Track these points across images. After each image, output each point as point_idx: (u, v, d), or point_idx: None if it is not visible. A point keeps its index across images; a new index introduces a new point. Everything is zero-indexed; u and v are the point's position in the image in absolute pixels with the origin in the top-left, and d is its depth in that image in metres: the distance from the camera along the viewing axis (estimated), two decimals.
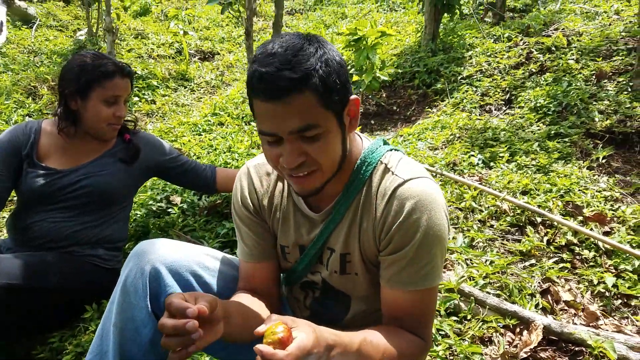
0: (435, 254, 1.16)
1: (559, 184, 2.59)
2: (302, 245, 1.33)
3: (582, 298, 1.95)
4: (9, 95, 4.79)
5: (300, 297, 1.44)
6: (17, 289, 1.71)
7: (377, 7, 7.89)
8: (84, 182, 2.03)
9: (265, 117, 1.05)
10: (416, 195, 1.14)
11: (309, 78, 1.02)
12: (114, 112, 2.04)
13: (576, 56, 4.08)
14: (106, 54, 2.10)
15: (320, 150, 1.08)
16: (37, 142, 2.05)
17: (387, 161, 1.23)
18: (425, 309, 1.21)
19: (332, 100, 1.07)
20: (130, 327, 1.21)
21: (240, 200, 1.35)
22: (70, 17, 8.43)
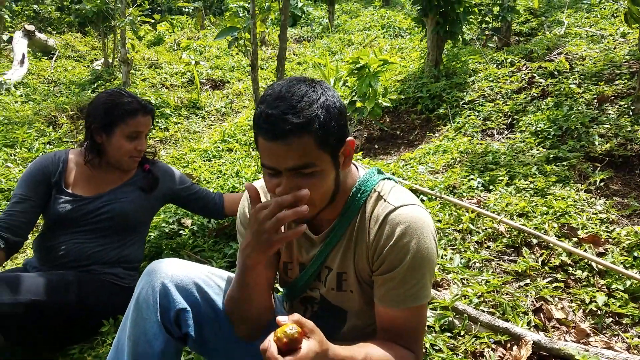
0: (424, 275, 1.27)
1: (555, 207, 2.67)
2: (303, 263, 1.45)
3: (574, 316, 2.02)
4: (30, 124, 5.00)
5: (300, 312, 1.55)
6: (40, 305, 1.85)
7: (382, 34, 8.08)
8: (107, 208, 2.18)
9: (268, 153, 1.18)
10: (406, 221, 1.25)
11: (310, 124, 1.14)
12: (135, 146, 2.21)
13: (578, 80, 4.18)
14: (130, 92, 2.27)
15: (314, 186, 1.19)
16: (64, 170, 2.22)
17: (380, 189, 1.35)
18: (415, 325, 1.31)
19: (329, 142, 1.19)
20: (142, 340, 1.32)
21: (248, 215, 1.47)
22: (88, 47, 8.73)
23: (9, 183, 3.91)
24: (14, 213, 2.09)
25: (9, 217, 2.08)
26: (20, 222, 2.09)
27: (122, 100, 2.17)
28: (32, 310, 1.83)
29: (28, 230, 2.14)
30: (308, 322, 1.07)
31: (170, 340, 1.34)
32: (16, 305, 1.79)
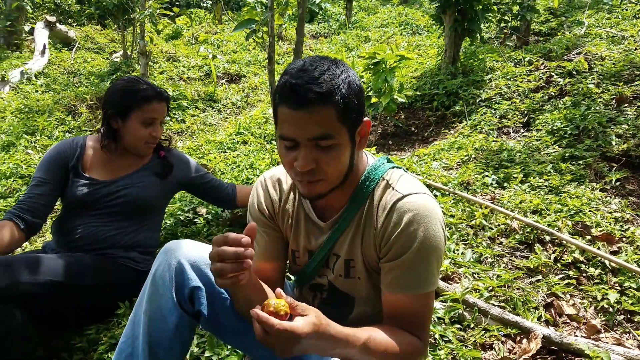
0: (432, 262, 1.28)
1: (570, 205, 2.67)
2: (311, 251, 1.47)
3: (585, 312, 2.03)
4: (51, 113, 5.10)
5: (309, 298, 1.57)
6: (58, 285, 1.91)
7: (400, 31, 8.06)
8: (122, 192, 2.24)
9: (288, 123, 1.20)
10: (414, 209, 1.26)
11: (333, 95, 1.17)
12: (150, 132, 2.26)
13: (597, 80, 4.14)
14: (146, 80, 2.31)
15: (331, 160, 1.22)
16: (82, 155, 2.28)
17: (389, 178, 1.36)
18: (422, 311, 1.32)
19: (349, 117, 1.22)
20: (158, 315, 1.37)
21: (257, 206, 1.50)
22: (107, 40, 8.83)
23: (29, 169, 3.99)
24: (33, 195, 2.16)
25: (29, 199, 2.15)
26: (39, 205, 2.15)
27: (138, 87, 2.23)
28: (50, 291, 1.89)
29: (47, 213, 2.20)
30: (301, 304, 1.10)
31: (184, 316, 1.38)
32: (35, 285, 1.84)
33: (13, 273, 1.81)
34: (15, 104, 5.51)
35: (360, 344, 1.17)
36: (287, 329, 1.03)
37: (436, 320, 1.93)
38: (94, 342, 2.07)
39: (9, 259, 1.90)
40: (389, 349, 1.22)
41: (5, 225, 2.06)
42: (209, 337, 1.93)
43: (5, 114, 5.31)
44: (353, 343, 1.16)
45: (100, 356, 1.98)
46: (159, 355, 1.39)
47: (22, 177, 3.92)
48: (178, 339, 1.39)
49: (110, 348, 1.99)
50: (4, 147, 4.59)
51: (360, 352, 1.18)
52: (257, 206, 1.50)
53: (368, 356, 1.19)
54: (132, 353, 1.39)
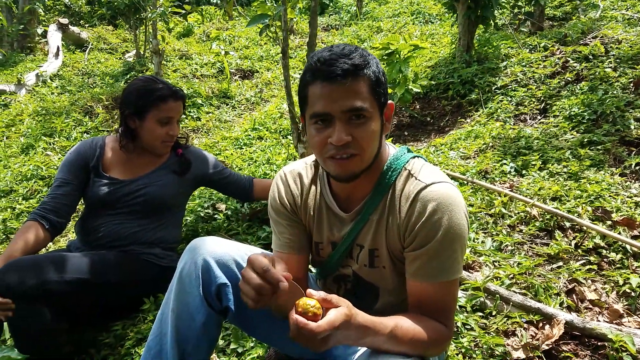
0: (455, 250, 1.29)
1: (589, 190, 2.65)
2: (334, 242, 1.48)
3: (607, 297, 2.02)
4: (68, 114, 5.16)
5: (333, 289, 1.59)
6: (84, 283, 1.95)
7: (412, 20, 8.01)
8: (142, 191, 2.27)
9: (321, 98, 1.23)
10: (437, 198, 1.27)
11: (366, 67, 1.23)
12: (167, 131, 2.29)
13: (614, 64, 4.09)
14: (161, 79, 2.34)
15: (365, 134, 1.24)
16: (102, 155, 2.33)
17: (411, 167, 1.37)
18: (447, 299, 1.33)
19: (380, 93, 1.26)
20: (185, 312, 1.39)
21: (278, 200, 1.52)
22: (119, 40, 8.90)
23: (49, 170, 4.06)
24: (56, 196, 2.21)
25: (52, 200, 2.20)
26: (62, 205, 2.21)
27: (154, 86, 2.26)
28: (76, 288, 1.93)
29: (70, 212, 2.25)
30: (333, 296, 1.10)
31: (212, 313, 1.41)
32: (62, 283, 1.89)
33: (40, 272, 1.86)
34: (32, 107, 5.58)
35: (387, 331, 1.18)
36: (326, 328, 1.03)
37: (458, 308, 1.94)
38: (121, 337, 2.11)
39: (36, 258, 1.95)
40: (416, 336, 1.23)
41: (30, 226, 2.12)
42: (233, 330, 1.96)
43: (23, 116, 5.39)
44: (381, 331, 1.17)
45: (128, 351, 2.03)
46: (187, 352, 1.41)
47: (42, 179, 3.99)
48: (205, 335, 1.42)
49: (136, 343, 2.04)
50: (23, 150, 4.67)
51: (388, 339, 1.19)
52: (279, 200, 1.51)
53: (395, 344, 1.20)
54: (160, 350, 1.42)
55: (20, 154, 4.61)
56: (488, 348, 1.72)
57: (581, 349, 1.75)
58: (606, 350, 1.71)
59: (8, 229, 3.36)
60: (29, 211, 3.50)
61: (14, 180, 3.98)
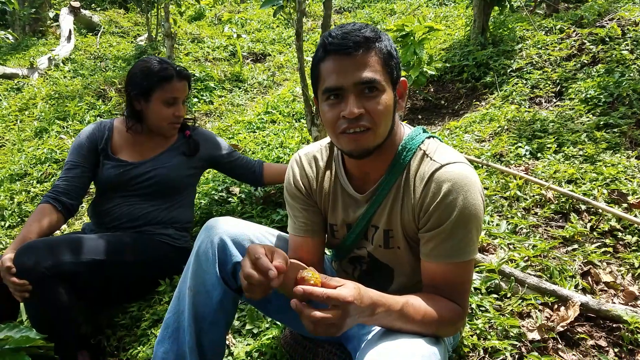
0: (470, 231, 1.28)
1: (605, 173, 2.62)
2: (349, 224, 1.49)
3: (623, 280, 2.01)
4: (81, 98, 5.19)
5: (349, 271, 1.60)
6: (99, 264, 1.98)
7: (426, 2, 7.92)
8: (152, 173, 2.29)
9: (333, 71, 1.23)
10: (452, 178, 1.27)
11: (377, 40, 1.24)
12: (173, 112, 2.29)
13: (631, 46, 4.02)
14: (166, 59, 2.34)
15: (378, 106, 1.24)
16: (110, 138, 2.34)
17: (426, 148, 1.36)
18: (461, 279, 1.33)
19: (392, 67, 1.26)
20: (202, 290, 1.41)
21: (293, 183, 1.52)
22: (131, 23, 8.89)
23: (63, 154, 4.10)
24: (68, 178, 2.23)
25: (64, 182, 2.22)
26: (74, 187, 2.23)
27: (158, 67, 2.25)
28: (92, 269, 1.96)
29: (82, 195, 2.28)
30: (334, 278, 1.11)
31: (228, 291, 1.43)
32: (77, 264, 1.91)
33: (56, 253, 1.88)
34: (45, 91, 5.62)
35: (398, 308, 1.18)
36: (337, 297, 1.03)
37: (473, 290, 1.94)
38: (137, 319, 2.14)
39: (51, 240, 1.98)
40: (427, 314, 1.23)
41: (44, 208, 2.14)
42: (249, 311, 1.98)
43: (36, 100, 5.43)
44: (392, 306, 1.17)
45: (144, 332, 2.06)
46: (204, 328, 1.44)
47: (56, 162, 4.03)
48: (222, 312, 1.44)
49: (152, 324, 2.06)
50: (37, 133, 4.71)
51: (399, 317, 1.19)
52: (294, 184, 1.52)
53: (406, 322, 1.20)
54: (178, 327, 1.45)
55: (34, 138, 4.65)
56: (503, 329, 1.72)
57: (596, 330, 1.75)
58: (621, 332, 1.71)
59: (23, 212, 3.41)
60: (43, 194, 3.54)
61: (28, 164, 4.03)
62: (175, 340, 1.44)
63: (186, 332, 1.42)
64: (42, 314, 1.88)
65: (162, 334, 1.46)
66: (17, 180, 3.85)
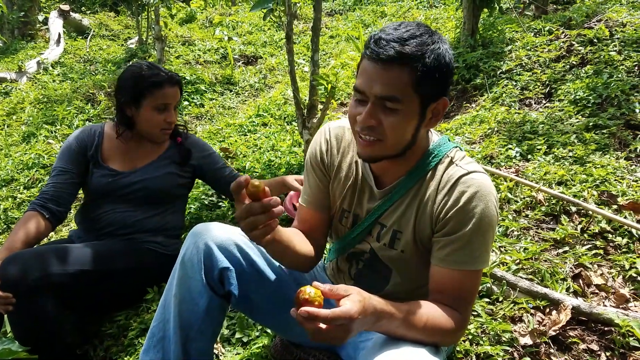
0: (487, 240, 1.29)
1: (595, 174, 2.63)
2: (357, 215, 1.48)
3: (614, 282, 2.01)
4: (70, 102, 5.15)
5: (345, 269, 1.58)
6: (87, 274, 1.95)
7: (416, 4, 7.94)
8: (142, 183, 2.25)
9: (364, 74, 1.22)
10: (477, 186, 1.27)
11: (414, 59, 1.17)
12: (164, 118, 2.25)
13: (618, 47, 4.04)
14: (157, 65, 2.30)
15: (392, 124, 1.22)
16: (100, 144, 2.29)
17: (453, 155, 1.37)
18: (470, 288, 1.33)
19: (424, 88, 1.21)
20: (188, 297, 1.40)
21: (318, 151, 1.51)
22: (121, 26, 8.84)
23: (51, 159, 4.05)
24: (56, 185, 2.18)
25: (52, 188, 2.17)
26: (62, 193, 2.18)
27: (149, 72, 2.21)
28: (80, 280, 1.93)
29: (70, 201, 2.22)
30: (340, 286, 1.10)
31: (214, 297, 1.41)
32: (65, 275, 1.88)
33: (43, 264, 1.85)
34: (34, 95, 5.56)
35: (401, 315, 1.17)
36: (341, 315, 1.02)
37: None
38: (124, 328, 2.11)
39: (39, 250, 1.94)
40: (429, 322, 1.22)
41: (31, 216, 2.09)
42: (238, 319, 1.96)
43: (24, 104, 5.37)
44: (395, 314, 1.16)
45: (131, 342, 2.03)
46: (190, 337, 1.42)
47: (44, 167, 3.98)
48: (209, 320, 1.42)
49: (140, 333, 2.04)
50: (24, 138, 4.66)
51: (401, 324, 1.18)
52: (318, 153, 1.51)
53: (408, 329, 1.19)
54: (163, 336, 1.43)
55: (21, 143, 4.60)
56: (495, 334, 1.71)
57: (588, 334, 1.75)
58: (613, 336, 1.71)
59: (9, 219, 3.37)
60: (30, 200, 3.49)
61: (15, 169, 3.98)
62: (161, 350, 1.42)
63: (172, 341, 1.40)
64: (27, 326, 1.84)
65: (148, 343, 1.44)
66: (3, 186, 3.81)
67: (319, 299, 1.05)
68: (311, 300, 1.04)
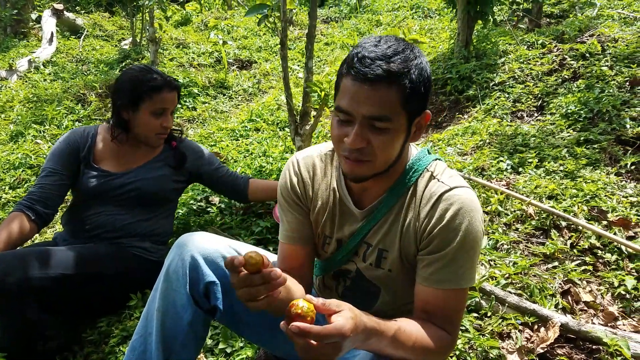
0: (472, 257, 1.27)
1: (585, 189, 2.63)
2: (340, 239, 1.44)
3: (602, 299, 2.00)
4: (60, 102, 5.09)
5: (332, 286, 1.55)
6: (69, 278, 1.91)
7: (411, 14, 7.96)
8: (134, 184, 2.22)
9: (348, 95, 1.17)
10: (460, 202, 1.24)
11: (402, 77, 1.15)
12: (161, 122, 2.23)
13: (610, 63, 4.07)
14: (155, 68, 2.28)
15: (382, 143, 1.19)
16: (93, 146, 2.26)
17: (433, 169, 1.34)
18: (456, 307, 1.30)
19: (412, 104, 1.19)
20: (171, 311, 1.36)
21: (290, 187, 1.46)
22: (115, 27, 8.79)
23: (38, 159, 4.00)
24: (44, 186, 2.15)
25: (40, 189, 2.14)
26: (49, 195, 2.14)
27: (148, 76, 2.19)
28: (61, 284, 1.89)
29: (58, 203, 2.19)
30: (332, 300, 1.06)
31: (199, 312, 1.37)
32: (46, 279, 1.84)
33: (24, 267, 1.81)
34: (24, 93, 5.49)
35: (391, 334, 1.15)
36: (334, 333, 0.99)
37: None
38: (106, 334, 2.07)
39: (20, 252, 1.90)
40: (418, 341, 1.20)
41: (15, 217, 2.05)
42: (222, 329, 1.93)
43: (13, 103, 5.31)
44: (385, 332, 1.14)
45: (112, 349, 1.99)
46: (173, 351, 1.38)
47: (31, 168, 3.92)
48: (192, 335, 1.39)
49: (121, 341, 2.00)
50: (12, 137, 4.59)
51: (390, 342, 1.16)
52: (290, 187, 1.46)
53: (397, 348, 1.17)
54: (145, 350, 1.39)
55: (8, 142, 4.53)
56: (483, 351, 1.70)
57: (576, 352, 1.74)
58: (601, 354, 1.70)
59: None
60: (15, 201, 3.44)
61: (1, 169, 3.92)
62: None
63: (154, 355, 1.36)
64: (6, 330, 1.81)
65: (128, 357, 1.40)
66: None
67: (311, 313, 1.02)
68: (303, 314, 1.01)
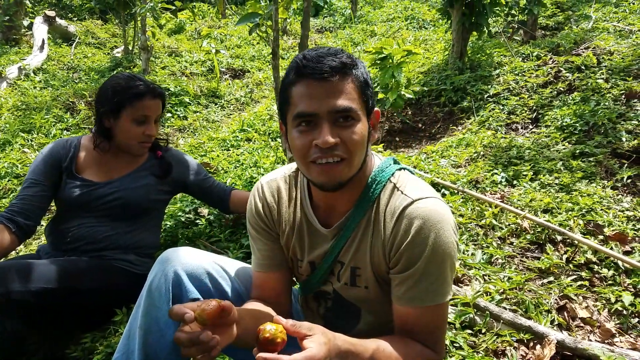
0: (444, 271, 1.21)
1: (581, 203, 2.59)
2: (312, 262, 1.39)
3: (599, 315, 1.96)
4: (48, 110, 5.02)
5: (314, 308, 1.51)
6: (50, 292, 1.84)
7: (406, 25, 7.97)
8: (117, 194, 2.16)
9: (307, 97, 1.15)
10: (424, 215, 1.19)
11: (354, 67, 1.17)
12: (144, 130, 2.17)
13: (606, 75, 4.06)
14: (140, 76, 2.23)
15: (353, 136, 1.16)
16: (76, 156, 2.21)
17: (396, 180, 1.29)
18: (436, 323, 1.25)
19: (367, 95, 1.19)
20: (154, 329, 1.30)
21: (255, 213, 1.42)
22: (108, 35, 8.76)
23: (25, 169, 3.93)
24: (26, 197, 2.09)
25: (21, 201, 2.08)
26: (32, 206, 2.08)
27: (131, 83, 2.14)
28: (43, 298, 1.83)
29: (40, 215, 2.13)
30: (303, 323, 1.01)
31: None
32: (26, 293, 1.78)
33: (4, 281, 1.75)
34: (12, 101, 5.40)
35: (368, 355, 1.10)
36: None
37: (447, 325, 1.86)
38: (90, 351, 2.00)
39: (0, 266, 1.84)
40: None
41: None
42: None
43: (1, 111, 5.22)
44: (361, 355, 1.09)
45: None
46: None
47: (17, 177, 3.85)
48: (176, 352, 1.32)
49: (105, 358, 1.93)
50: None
51: None
52: (256, 214, 1.42)
53: None
54: None
55: None
56: None
57: None
58: None
59: None
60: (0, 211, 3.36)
61: None
62: None
63: None
64: None
65: None
66: None
67: (281, 334, 0.98)
68: (272, 338, 0.96)
